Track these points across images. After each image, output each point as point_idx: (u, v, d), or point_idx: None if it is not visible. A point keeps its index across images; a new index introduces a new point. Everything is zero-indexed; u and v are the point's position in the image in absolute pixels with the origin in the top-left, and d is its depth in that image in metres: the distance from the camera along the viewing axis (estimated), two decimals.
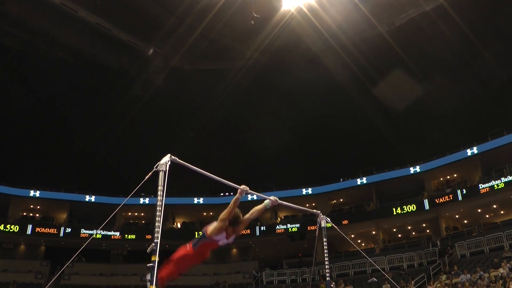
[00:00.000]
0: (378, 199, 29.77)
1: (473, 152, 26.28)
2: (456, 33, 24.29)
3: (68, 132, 34.76)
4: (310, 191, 30.94)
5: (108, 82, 29.64)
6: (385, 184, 29.17)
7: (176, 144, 31.10)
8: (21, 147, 34.74)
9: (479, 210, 26.68)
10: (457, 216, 27.84)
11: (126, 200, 6.34)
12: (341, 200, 31.92)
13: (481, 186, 24.97)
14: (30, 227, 28.50)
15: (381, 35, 24.66)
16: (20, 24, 24.18)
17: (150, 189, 7.14)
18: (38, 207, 31.21)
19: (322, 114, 33.74)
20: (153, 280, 3.99)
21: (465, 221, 28.16)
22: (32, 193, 29.64)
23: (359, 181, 29.96)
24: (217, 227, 4.89)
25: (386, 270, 23.44)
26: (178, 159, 4.69)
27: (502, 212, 26.52)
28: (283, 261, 30.08)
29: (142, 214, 32.62)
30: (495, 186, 24.27)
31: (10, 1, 23.17)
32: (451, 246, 24.08)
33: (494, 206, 26.25)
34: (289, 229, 29.79)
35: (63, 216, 31.03)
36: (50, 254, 29.45)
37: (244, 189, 5.07)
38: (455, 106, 30.06)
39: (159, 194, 4.41)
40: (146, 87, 28.91)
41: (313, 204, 30.58)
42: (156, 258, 4.11)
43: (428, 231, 29.82)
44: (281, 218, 31.88)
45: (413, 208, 27.27)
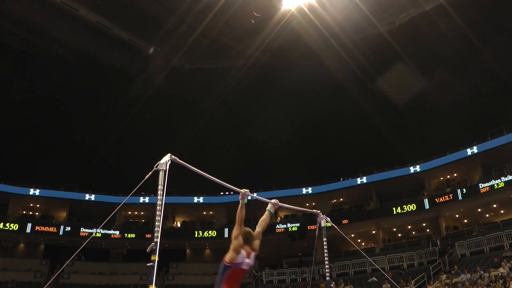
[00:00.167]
0: (378, 198, 29.75)
1: (473, 151, 26.25)
2: (456, 33, 24.27)
3: (68, 130, 34.79)
4: (310, 190, 30.91)
5: (108, 81, 29.64)
6: (385, 183, 29.14)
7: (176, 143, 31.10)
8: (21, 146, 34.74)
9: (479, 210, 26.64)
10: (457, 216, 27.81)
11: (126, 199, 6.33)
12: (341, 199, 31.91)
13: (481, 185, 24.94)
14: (29, 225, 28.44)
15: (381, 34, 24.66)
16: (21, 22, 24.16)
17: (150, 188, 7.14)
18: (38, 206, 31.16)
19: (322, 113, 33.77)
20: (153, 280, 3.98)
21: (465, 221, 28.14)
22: (32, 191, 29.55)
23: (359, 181, 29.94)
24: (233, 248, 4.71)
25: (386, 269, 23.45)
26: (178, 159, 4.71)
27: (502, 211, 26.49)
28: (283, 261, 30.09)
29: (142, 213, 32.58)
30: (495, 185, 24.24)
31: (11, 0, 23.16)
32: (451, 246, 24.07)
33: (494, 206, 26.21)
34: (289, 228, 29.75)
35: (63, 214, 31.02)
36: (49, 253, 29.40)
37: (246, 193, 5.04)
38: (455, 105, 30.10)
39: (159, 193, 4.41)
40: (147, 86, 28.89)
41: (313, 204, 30.60)
42: (156, 257, 4.10)
43: (428, 230, 29.81)
44: (281, 218, 31.86)
45: (413, 208, 27.26)
